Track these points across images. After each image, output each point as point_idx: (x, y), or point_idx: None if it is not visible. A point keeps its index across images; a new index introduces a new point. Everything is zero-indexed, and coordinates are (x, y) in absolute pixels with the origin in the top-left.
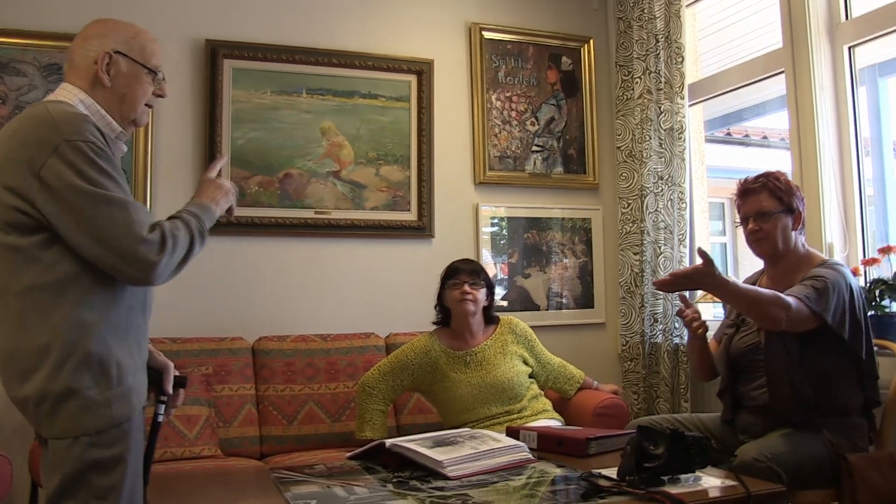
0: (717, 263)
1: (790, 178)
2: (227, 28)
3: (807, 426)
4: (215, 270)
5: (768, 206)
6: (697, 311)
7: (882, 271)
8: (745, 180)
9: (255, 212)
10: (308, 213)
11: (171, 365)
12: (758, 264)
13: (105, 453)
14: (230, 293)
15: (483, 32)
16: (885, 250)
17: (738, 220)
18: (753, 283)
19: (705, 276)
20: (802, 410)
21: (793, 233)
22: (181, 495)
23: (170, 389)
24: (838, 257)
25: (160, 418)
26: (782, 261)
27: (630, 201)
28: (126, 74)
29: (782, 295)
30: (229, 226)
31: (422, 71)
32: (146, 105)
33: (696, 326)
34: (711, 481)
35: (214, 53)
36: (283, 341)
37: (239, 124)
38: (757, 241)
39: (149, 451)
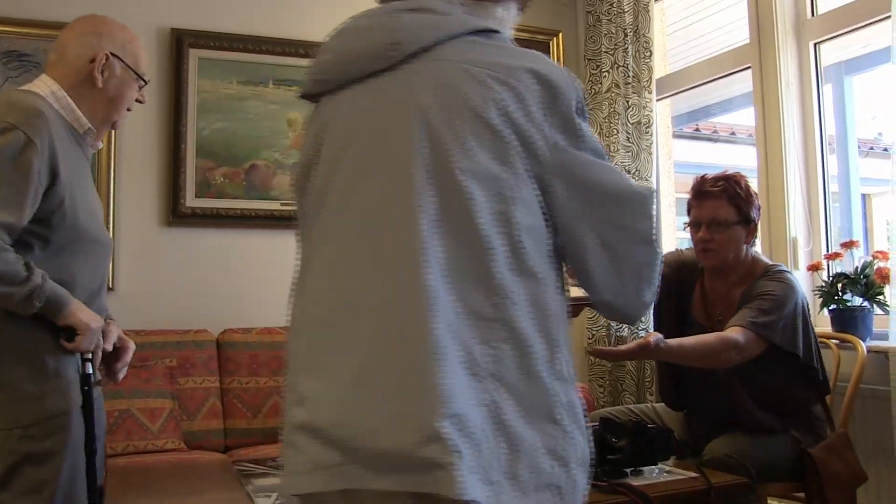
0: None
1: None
2: (192, 17)
3: (772, 429)
4: (180, 262)
5: (724, 214)
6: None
7: (844, 266)
8: (703, 179)
9: (221, 203)
10: (274, 205)
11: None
12: None
13: (38, 446)
14: (195, 285)
15: None
16: (848, 245)
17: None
18: (691, 286)
19: (651, 353)
20: (767, 420)
21: (745, 245)
22: (142, 489)
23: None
24: (802, 252)
25: (94, 390)
26: (729, 274)
27: None
28: (118, 78)
29: (727, 335)
30: (194, 217)
31: None
32: (126, 109)
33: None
34: (674, 473)
35: (180, 42)
36: (248, 333)
37: (204, 114)
38: (705, 252)
39: (88, 439)
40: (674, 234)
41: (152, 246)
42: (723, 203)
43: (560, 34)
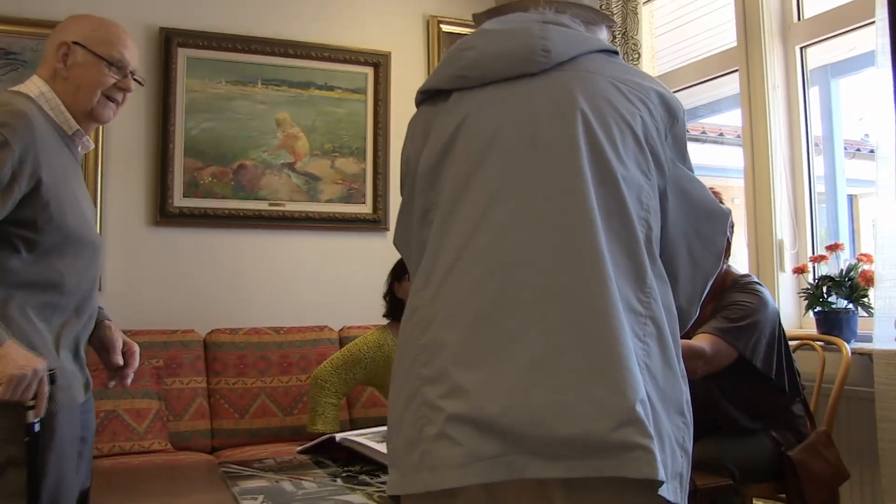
0: None
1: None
2: (181, 16)
3: (752, 430)
4: (167, 261)
5: None
6: None
7: (830, 268)
8: None
9: (209, 203)
10: (262, 205)
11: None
12: None
13: (22, 450)
14: (182, 285)
15: (441, 25)
16: (833, 247)
17: None
18: None
19: None
20: (745, 421)
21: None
22: (127, 490)
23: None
24: (788, 254)
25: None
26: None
27: None
28: (81, 65)
29: (694, 343)
30: (182, 217)
31: (379, 63)
32: (108, 99)
33: None
34: None
35: (168, 41)
36: (236, 334)
37: (193, 114)
38: None
39: (31, 494)
40: None
41: (140, 245)
42: None
43: None
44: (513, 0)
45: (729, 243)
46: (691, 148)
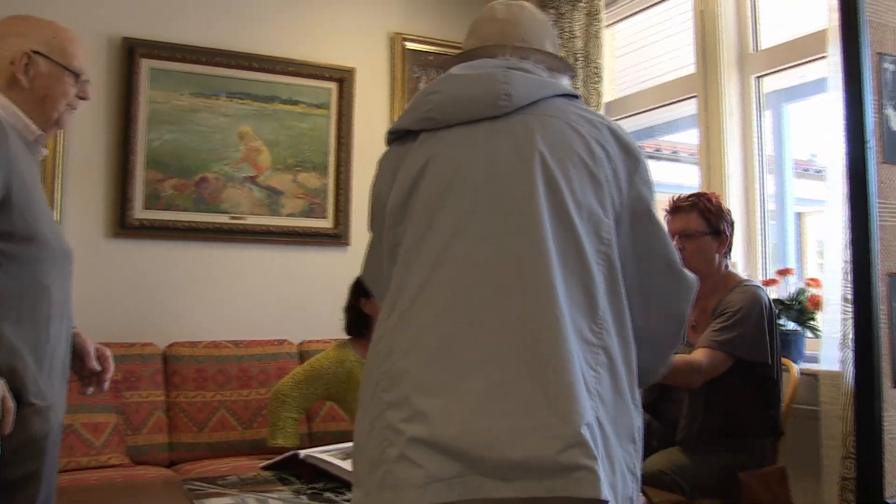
0: None
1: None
2: (145, 26)
3: (715, 447)
4: (126, 274)
5: (695, 226)
6: None
7: (780, 291)
8: (678, 197)
9: (170, 215)
10: (223, 218)
11: None
12: None
13: (18, 471)
14: (142, 297)
15: (405, 42)
16: (783, 272)
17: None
18: None
19: None
20: (711, 437)
21: (717, 255)
22: None
23: None
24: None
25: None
26: (704, 282)
27: None
28: (46, 76)
29: (691, 358)
30: (142, 229)
31: (343, 79)
32: (69, 106)
33: None
34: None
35: (132, 52)
36: (195, 347)
37: (155, 125)
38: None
39: None
40: None
41: (99, 257)
42: (693, 216)
43: None
44: (481, 46)
45: (727, 239)
46: (652, 166)
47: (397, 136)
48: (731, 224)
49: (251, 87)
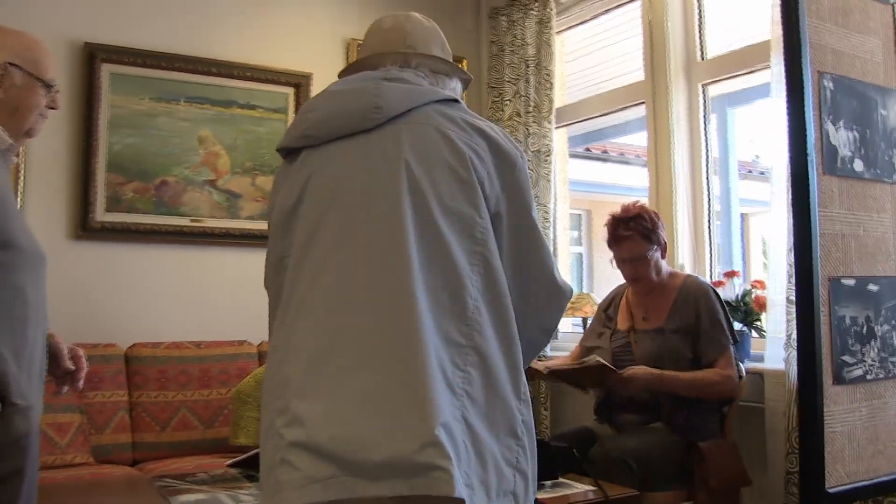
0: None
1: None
2: (105, 32)
3: (672, 419)
4: (88, 275)
5: (641, 249)
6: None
7: (726, 292)
8: (615, 223)
9: (131, 218)
10: (183, 221)
11: None
12: (611, 274)
13: (4, 468)
14: (104, 299)
15: (360, 48)
16: (730, 274)
17: (609, 253)
18: (618, 298)
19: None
20: (670, 408)
21: (663, 261)
22: None
23: None
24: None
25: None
26: (655, 288)
27: None
28: (20, 87)
29: (707, 378)
30: (103, 231)
31: (300, 84)
32: (40, 116)
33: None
34: (574, 486)
35: (92, 57)
36: (157, 348)
37: (116, 129)
38: (636, 281)
39: None
40: (568, 249)
41: (61, 259)
42: (637, 241)
43: (464, 61)
44: (365, 57)
45: (665, 244)
46: (595, 166)
47: (285, 154)
48: (663, 226)
49: (210, 91)
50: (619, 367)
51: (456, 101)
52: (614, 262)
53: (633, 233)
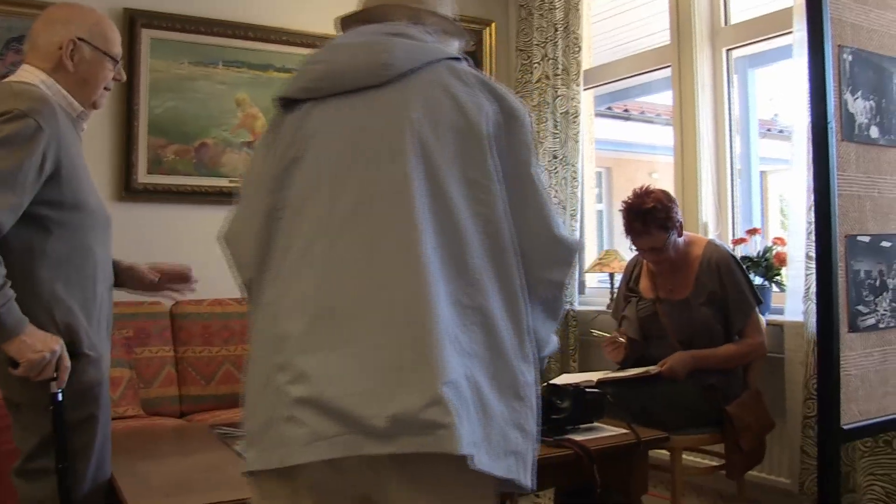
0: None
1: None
2: None
3: (702, 382)
4: (131, 235)
5: (660, 240)
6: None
7: (748, 248)
8: (631, 217)
9: (172, 179)
10: (223, 182)
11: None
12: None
13: (78, 414)
14: (147, 258)
15: None
16: (752, 232)
17: (623, 227)
18: (639, 268)
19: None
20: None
21: (681, 238)
22: (136, 451)
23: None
24: (712, 236)
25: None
26: (676, 261)
27: None
28: (89, 61)
29: (747, 344)
30: (146, 192)
31: None
32: (106, 89)
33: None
34: (608, 430)
35: (133, 23)
36: (200, 305)
37: (156, 93)
38: (657, 264)
39: (59, 455)
40: (594, 205)
41: None
42: (653, 233)
43: (493, 24)
44: (372, 7)
45: (681, 223)
46: (620, 125)
47: (284, 103)
48: (676, 204)
49: (247, 55)
50: (648, 337)
51: (460, 59)
52: (633, 248)
53: (650, 227)
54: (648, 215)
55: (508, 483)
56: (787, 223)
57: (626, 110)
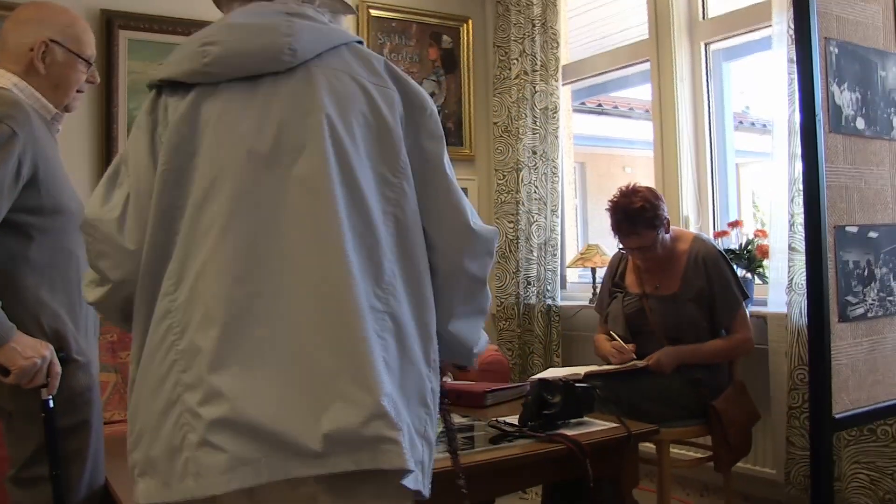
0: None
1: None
2: None
3: (688, 376)
4: None
5: (649, 239)
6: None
7: (730, 241)
8: (618, 218)
9: None
10: None
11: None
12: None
13: (70, 420)
14: None
15: (370, 10)
16: (734, 224)
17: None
18: (624, 262)
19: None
20: (685, 368)
21: (669, 233)
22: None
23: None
24: (693, 230)
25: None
26: (663, 257)
27: (505, 174)
28: (61, 64)
29: (734, 339)
30: None
31: None
32: (79, 91)
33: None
34: (598, 424)
35: (110, 24)
36: None
37: (135, 95)
38: (646, 262)
39: (52, 463)
40: (573, 200)
41: None
42: (642, 233)
43: (470, 21)
44: None
45: (668, 220)
46: (594, 121)
47: (166, 85)
48: (663, 200)
49: None
50: (635, 333)
51: (360, 41)
52: (620, 247)
53: (638, 227)
54: (637, 216)
55: (415, 494)
56: (758, 215)
57: (599, 105)
